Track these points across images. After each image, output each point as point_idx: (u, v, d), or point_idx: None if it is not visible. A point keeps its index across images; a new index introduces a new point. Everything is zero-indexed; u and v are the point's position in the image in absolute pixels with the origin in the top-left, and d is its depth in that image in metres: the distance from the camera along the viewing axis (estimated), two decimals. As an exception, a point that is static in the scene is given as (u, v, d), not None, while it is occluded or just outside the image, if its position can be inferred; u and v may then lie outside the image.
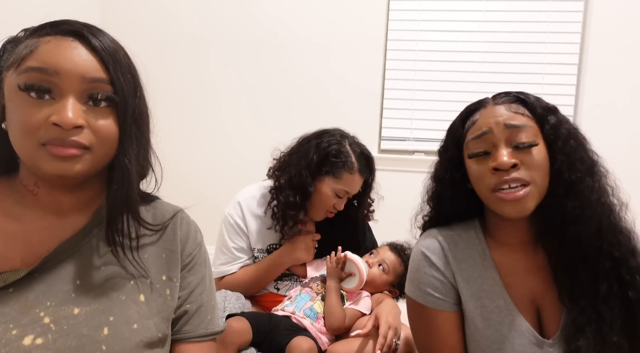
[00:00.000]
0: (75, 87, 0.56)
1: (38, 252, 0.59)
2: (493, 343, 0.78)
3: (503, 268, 0.81)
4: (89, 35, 0.58)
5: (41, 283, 0.58)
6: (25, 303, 0.56)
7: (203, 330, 0.70)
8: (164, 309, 0.65)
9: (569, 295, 0.74)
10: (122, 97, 0.59)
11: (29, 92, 0.55)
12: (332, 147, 1.29)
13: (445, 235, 0.85)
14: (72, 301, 0.58)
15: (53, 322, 0.56)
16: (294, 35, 2.54)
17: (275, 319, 1.21)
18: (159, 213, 0.71)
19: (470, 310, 0.81)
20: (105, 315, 0.59)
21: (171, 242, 0.69)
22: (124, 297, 0.61)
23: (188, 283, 0.70)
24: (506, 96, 0.79)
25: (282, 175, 1.33)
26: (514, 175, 0.73)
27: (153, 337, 0.62)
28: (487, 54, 2.43)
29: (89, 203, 0.65)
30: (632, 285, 0.71)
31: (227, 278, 1.37)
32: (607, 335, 0.70)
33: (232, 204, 1.40)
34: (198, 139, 2.67)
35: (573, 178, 0.74)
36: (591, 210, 0.73)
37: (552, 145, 0.76)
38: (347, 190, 1.31)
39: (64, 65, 0.56)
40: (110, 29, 0.64)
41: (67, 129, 0.55)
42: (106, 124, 0.59)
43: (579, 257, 0.73)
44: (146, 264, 0.66)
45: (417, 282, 0.85)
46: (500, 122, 0.75)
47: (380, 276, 1.31)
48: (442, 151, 0.87)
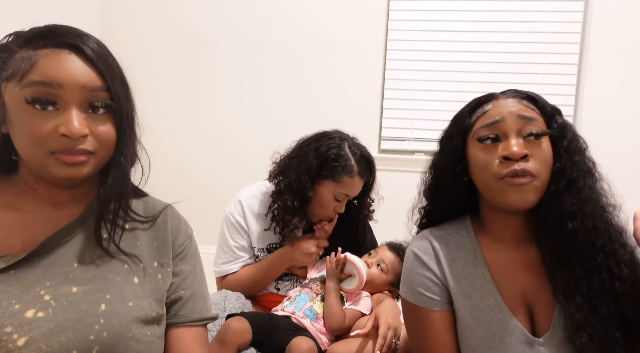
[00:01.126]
0: (77, 98, 0.62)
1: (37, 239, 0.64)
2: (483, 342, 0.78)
3: (494, 266, 0.81)
4: (83, 46, 0.62)
5: (41, 266, 0.63)
6: (26, 282, 0.61)
7: (197, 315, 0.76)
8: (156, 291, 0.70)
9: (563, 292, 0.74)
10: (118, 103, 0.65)
11: (34, 105, 0.60)
12: (331, 151, 1.28)
13: (436, 235, 0.86)
14: (71, 281, 0.63)
15: (53, 299, 0.61)
16: (294, 36, 2.54)
17: (275, 319, 1.21)
18: (150, 207, 0.77)
19: (461, 308, 0.81)
20: (102, 293, 0.64)
21: (162, 231, 0.76)
22: (119, 278, 0.67)
23: (181, 270, 0.76)
24: (516, 92, 0.80)
25: (282, 180, 1.33)
26: (523, 166, 0.73)
27: (147, 315, 0.67)
28: (487, 54, 2.43)
29: (84, 197, 0.71)
30: (619, 277, 0.72)
31: (229, 278, 1.37)
32: (603, 331, 0.70)
33: (233, 203, 1.40)
34: (198, 139, 2.67)
35: (575, 176, 0.75)
36: (589, 206, 0.74)
37: (558, 144, 0.77)
38: (347, 194, 1.30)
39: (65, 78, 0.61)
40: (110, 29, 0.65)
41: (75, 139, 0.61)
42: (106, 129, 0.65)
43: (574, 252, 0.74)
44: (139, 251, 0.71)
45: (409, 282, 0.86)
46: (513, 112, 0.76)
47: (380, 276, 1.31)
48: (445, 141, 0.87)
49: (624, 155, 2.28)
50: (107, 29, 2.59)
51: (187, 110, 2.66)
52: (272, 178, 1.37)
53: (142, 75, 2.55)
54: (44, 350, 0.57)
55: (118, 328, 0.62)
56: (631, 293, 0.71)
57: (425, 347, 0.84)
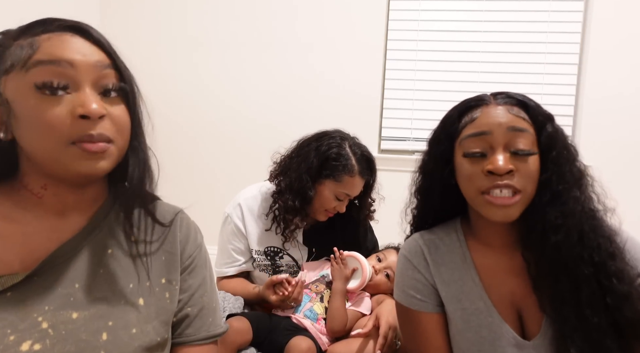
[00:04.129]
0: (90, 77, 0.57)
1: (37, 255, 0.58)
2: (473, 345, 0.77)
3: (484, 270, 0.81)
4: (86, 27, 0.59)
5: (40, 287, 0.57)
6: (23, 307, 0.55)
7: (205, 333, 0.70)
8: (162, 313, 0.65)
9: (551, 303, 0.73)
10: (130, 85, 0.61)
11: (44, 91, 0.54)
12: (332, 151, 1.28)
13: (426, 239, 0.86)
14: (71, 305, 0.58)
15: (51, 327, 0.55)
16: (294, 35, 2.54)
17: (276, 319, 1.21)
18: (162, 213, 0.71)
19: (451, 312, 0.81)
20: (104, 320, 0.58)
21: (171, 244, 0.69)
22: (123, 301, 0.61)
23: (189, 286, 0.69)
24: (508, 97, 0.77)
25: (283, 180, 1.32)
26: (507, 181, 0.71)
27: (152, 341, 0.61)
28: (487, 54, 2.43)
29: (90, 204, 0.65)
30: (609, 290, 0.70)
31: (224, 282, 1.38)
32: (597, 341, 0.69)
33: (232, 205, 1.40)
34: (199, 138, 2.67)
35: (560, 188, 0.73)
36: (573, 220, 0.72)
37: (546, 154, 0.74)
38: (348, 193, 1.30)
39: (75, 56, 0.56)
40: (109, 29, 0.65)
41: (95, 118, 0.55)
42: (121, 113, 0.60)
43: (559, 265, 0.72)
44: (146, 265, 0.65)
45: (401, 285, 0.86)
46: (502, 124, 0.73)
47: (386, 283, 1.32)
48: (433, 143, 0.84)
49: (624, 156, 2.28)
50: (106, 29, 2.58)
51: (186, 110, 2.66)
52: (273, 178, 1.37)
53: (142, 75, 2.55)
54: None
55: None
56: (622, 304, 0.69)
57: (418, 349, 0.84)
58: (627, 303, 0.69)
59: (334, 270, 1.27)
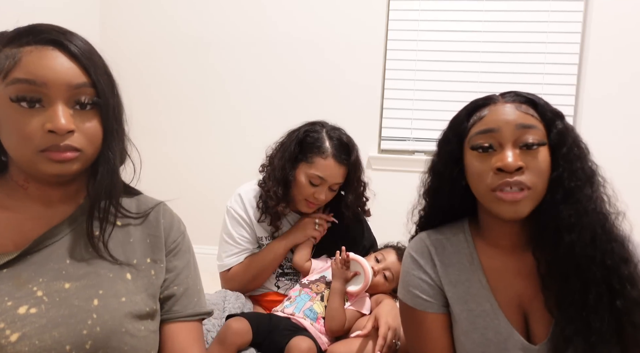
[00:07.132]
0: (63, 95, 0.61)
1: (30, 237, 0.64)
2: (478, 347, 0.77)
3: (491, 271, 0.80)
4: (67, 42, 0.62)
5: (33, 264, 0.63)
6: (18, 280, 0.61)
7: (191, 310, 0.76)
8: (149, 287, 0.71)
9: (558, 303, 0.72)
10: (105, 99, 0.65)
11: (20, 103, 0.60)
12: (308, 135, 1.31)
13: (433, 239, 0.85)
14: (63, 277, 0.64)
15: (46, 295, 0.61)
16: (294, 35, 2.54)
17: (275, 319, 1.21)
18: (142, 205, 0.78)
19: (457, 313, 0.80)
20: (94, 289, 0.64)
21: (154, 228, 0.76)
22: (112, 274, 0.67)
23: (174, 266, 0.76)
24: (516, 96, 0.77)
25: (268, 168, 1.37)
26: (517, 178, 0.71)
27: (141, 310, 0.67)
28: (487, 54, 2.43)
29: (75, 196, 0.71)
30: (621, 294, 0.69)
31: (234, 269, 1.37)
32: (596, 346, 0.68)
33: (233, 197, 1.42)
34: (197, 138, 2.67)
35: (572, 186, 0.72)
36: (587, 218, 0.71)
37: (556, 151, 0.73)
38: (321, 176, 1.28)
39: (50, 76, 0.60)
40: (109, 30, 0.65)
41: (62, 134, 0.60)
42: (92, 125, 0.64)
43: (571, 265, 0.71)
44: (132, 247, 0.72)
45: (406, 284, 0.85)
46: (510, 121, 0.73)
47: (384, 284, 1.32)
48: (442, 144, 0.84)
49: (624, 156, 2.28)
50: (107, 28, 2.59)
51: (186, 110, 2.66)
52: (262, 170, 1.41)
53: (142, 75, 2.56)
54: (37, 345, 0.58)
55: (111, 323, 0.62)
56: (633, 309, 0.69)
57: (422, 349, 0.84)
58: (638, 309, 0.69)
59: (334, 269, 1.27)
